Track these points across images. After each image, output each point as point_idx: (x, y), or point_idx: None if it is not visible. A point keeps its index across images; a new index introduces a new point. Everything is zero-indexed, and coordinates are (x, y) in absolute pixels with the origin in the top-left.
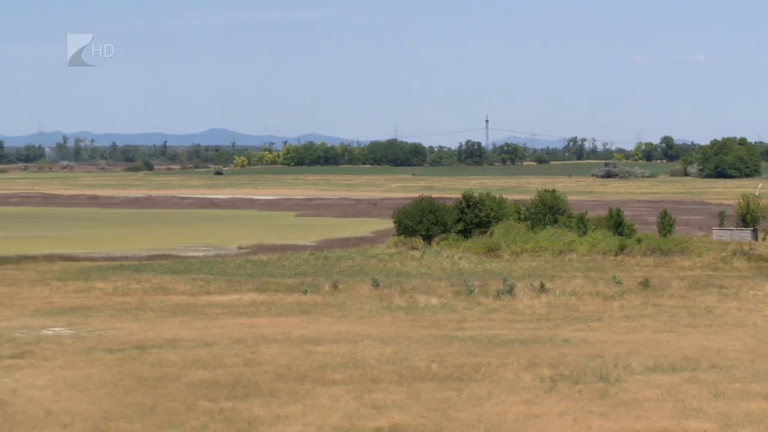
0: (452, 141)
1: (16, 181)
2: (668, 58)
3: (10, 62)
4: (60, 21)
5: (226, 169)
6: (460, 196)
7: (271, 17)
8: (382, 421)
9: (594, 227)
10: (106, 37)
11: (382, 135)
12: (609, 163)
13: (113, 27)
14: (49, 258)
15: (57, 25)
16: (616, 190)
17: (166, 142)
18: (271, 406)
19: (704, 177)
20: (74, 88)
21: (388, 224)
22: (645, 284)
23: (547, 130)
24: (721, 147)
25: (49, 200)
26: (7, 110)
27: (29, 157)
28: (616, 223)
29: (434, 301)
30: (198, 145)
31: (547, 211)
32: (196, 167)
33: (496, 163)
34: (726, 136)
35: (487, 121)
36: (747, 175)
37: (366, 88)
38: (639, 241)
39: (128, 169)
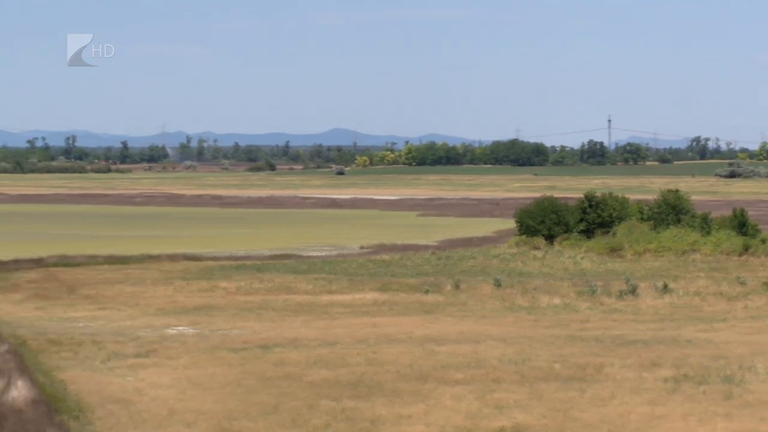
0: (574, 141)
1: (141, 181)
2: None
3: (135, 64)
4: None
5: (347, 169)
6: (583, 195)
7: (394, 17)
8: (505, 421)
9: (717, 227)
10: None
11: (504, 135)
12: (733, 163)
13: (220, 30)
14: (173, 257)
15: (181, 30)
16: (740, 190)
17: (288, 142)
18: (393, 406)
19: None
20: (197, 89)
21: (510, 224)
22: None
23: (669, 130)
24: None
25: (172, 200)
26: (131, 111)
27: (153, 157)
28: (740, 223)
29: (556, 301)
30: (320, 145)
31: (670, 211)
32: (318, 167)
33: (618, 163)
34: None
35: (609, 120)
36: None
37: (488, 88)
38: (763, 241)
39: (251, 169)
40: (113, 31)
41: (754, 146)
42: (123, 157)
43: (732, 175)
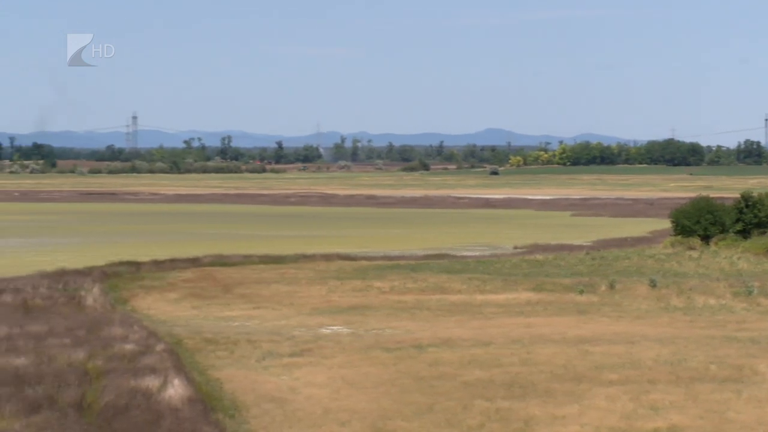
0: (730, 140)
1: (295, 181)
2: None
3: (291, 65)
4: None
5: (501, 168)
6: (739, 195)
7: (549, 17)
8: (660, 422)
9: None
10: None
11: (659, 134)
12: None
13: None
14: (328, 257)
15: (337, 31)
16: None
17: (442, 142)
18: (547, 406)
19: None
20: (352, 90)
21: (665, 224)
22: None
23: None
24: None
25: (326, 200)
26: (286, 111)
27: (307, 157)
28: None
29: (712, 301)
30: (474, 145)
31: None
32: (472, 167)
33: None
34: None
35: (766, 120)
36: None
37: (643, 87)
38: None
39: (405, 169)
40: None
41: None
42: (278, 157)
43: None
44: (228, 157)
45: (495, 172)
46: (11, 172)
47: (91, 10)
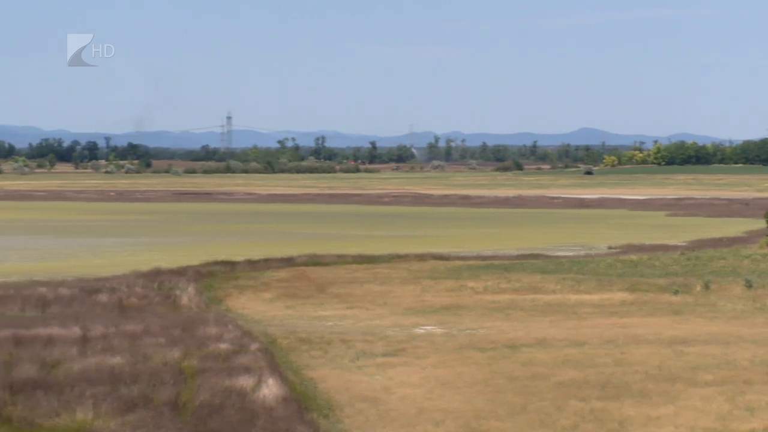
0: None
1: (389, 181)
2: None
3: (385, 65)
4: (440, 26)
5: (595, 168)
6: None
7: (642, 15)
8: (756, 423)
9: None
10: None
11: (755, 134)
12: None
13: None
14: (421, 257)
15: (430, 31)
16: None
17: (536, 142)
18: (641, 407)
19: None
20: (446, 90)
21: (761, 224)
22: None
23: None
24: None
25: (420, 200)
26: (380, 111)
27: (401, 157)
28: None
29: None
30: (568, 145)
31: None
32: (566, 167)
33: None
34: None
35: None
36: None
37: (738, 87)
38: None
39: (498, 169)
40: (363, 32)
41: None
42: (371, 157)
43: None
44: (322, 157)
45: (589, 172)
46: (107, 172)
47: (187, 17)
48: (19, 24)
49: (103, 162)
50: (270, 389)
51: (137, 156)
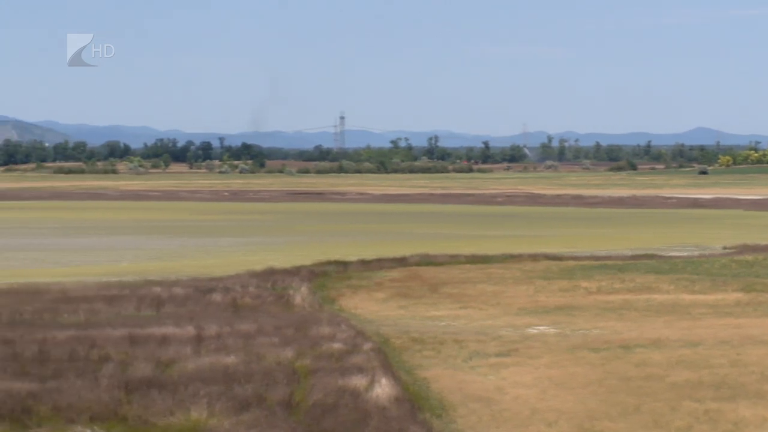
0: None
1: (502, 181)
2: None
3: (497, 65)
4: (553, 26)
5: (710, 168)
6: None
7: (760, 14)
8: None
9: None
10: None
11: None
12: None
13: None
14: (534, 257)
15: (543, 30)
16: None
17: (650, 141)
18: (757, 408)
19: None
20: (559, 89)
21: None
22: None
23: None
24: None
25: (533, 199)
26: (494, 111)
27: (514, 157)
28: None
29: None
30: (682, 145)
31: None
32: (680, 167)
33: None
34: None
35: None
36: None
37: None
38: None
39: (611, 169)
40: (476, 32)
41: None
42: (484, 157)
43: None
44: (434, 157)
45: (704, 172)
46: (221, 172)
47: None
48: (145, 27)
49: (217, 162)
50: (383, 389)
51: (251, 156)
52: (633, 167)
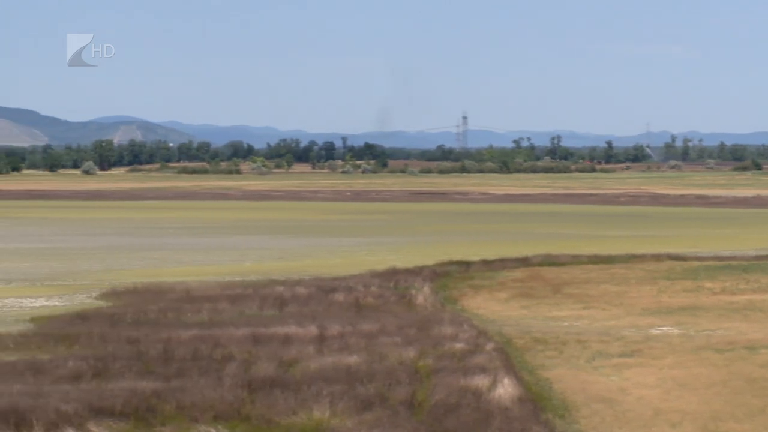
0: None
1: (625, 181)
2: None
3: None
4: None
5: None
6: None
7: None
8: None
9: None
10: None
11: None
12: None
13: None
14: (657, 257)
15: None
16: None
17: None
18: None
19: None
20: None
21: None
22: None
23: None
24: None
25: (656, 200)
26: (616, 111)
27: (636, 157)
28: None
29: None
30: None
31: None
32: None
33: None
34: None
35: None
36: None
37: None
38: None
39: (736, 169)
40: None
41: None
42: (607, 156)
43: None
44: (557, 156)
45: None
46: (343, 172)
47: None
48: (272, 28)
49: (339, 162)
50: (505, 389)
51: (374, 156)
52: (758, 167)
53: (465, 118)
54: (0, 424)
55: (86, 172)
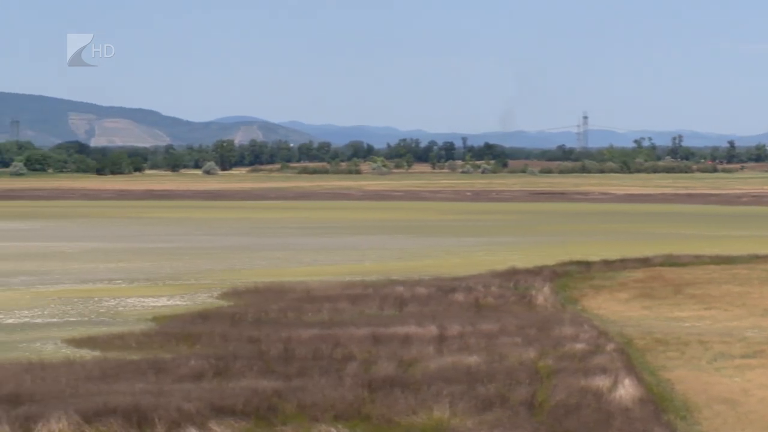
0: None
1: (747, 181)
2: None
3: (741, 62)
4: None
5: None
6: None
7: None
8: None
9: None
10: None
11: None
12: None
13: None
14: None
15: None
16: None
17: None
18: None
19: None
20: None
21: None
22: None
23: None
24: None
25: None
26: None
27: (759, 156)
28: None
29: None
30: None
31: None
32: None
33: None
34: None
35: None
36: None
37: None
38: None
39: None
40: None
41: None
42: (729, 156)
43: None
44: (678, 156)
45: None
46: (463, 173)
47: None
48: (392, 29)
49: (459, 162)
50: (626, 390)
51: (493, 156)
52: None
53: (585, 117)
54: (123, 422)
55: (207, 173)
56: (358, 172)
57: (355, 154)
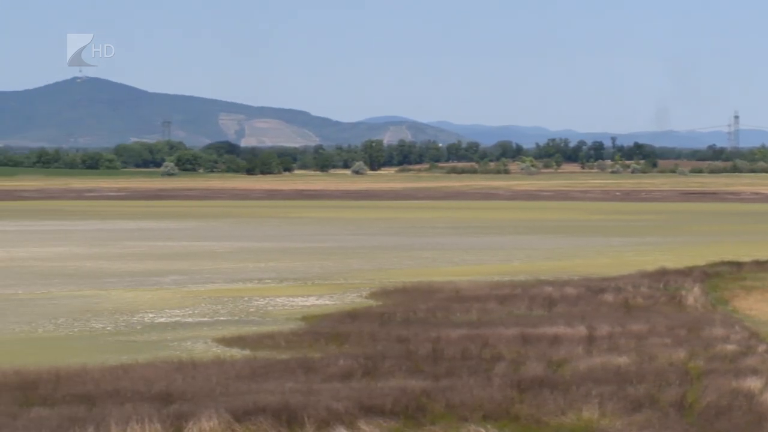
0: None
1: None
2: None
3: None
4: None
5: None
6: None
7: None
8: None
9: None
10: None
11: None
12: None
13: None
14: None
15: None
16: None
17: None
18: None
19: None
20: None
21: None
22: None
23: None
24: None
25: None
26: None
27: None
28: None
29: None
30: None
31: None
32: None
33: None
34: None
35: None
36: None
37: None
38: None
39: None
40: None
41: None
42: None
43: None
44: None
45: None
46: (612, 172)
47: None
48: (540, 27)
49: (608, 162)
50: None
51: (643, 156)
52: None
53: (737, 117)
54: (273, 421)
55: (356, 172)
56: (506, 171)
57: (504, 154)
